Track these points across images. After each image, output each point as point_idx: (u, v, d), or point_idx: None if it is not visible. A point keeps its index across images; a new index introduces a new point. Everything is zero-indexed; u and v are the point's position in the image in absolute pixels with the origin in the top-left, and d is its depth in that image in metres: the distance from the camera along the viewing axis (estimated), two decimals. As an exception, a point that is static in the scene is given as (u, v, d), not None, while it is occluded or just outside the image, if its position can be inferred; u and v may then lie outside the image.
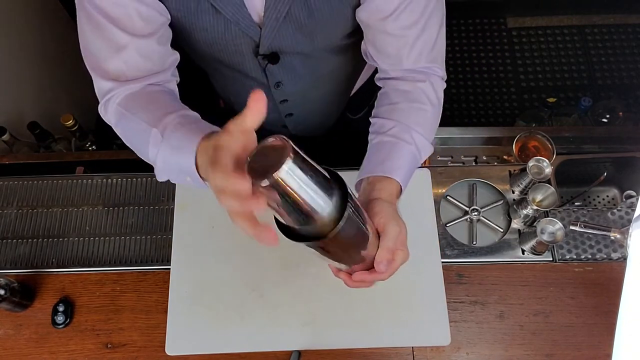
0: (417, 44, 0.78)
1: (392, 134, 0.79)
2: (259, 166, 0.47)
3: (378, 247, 0.67)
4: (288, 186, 0.47)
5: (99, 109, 0.80)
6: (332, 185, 0.52)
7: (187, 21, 0.77)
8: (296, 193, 0.48)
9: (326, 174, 0.52)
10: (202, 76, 1.05)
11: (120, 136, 0.81)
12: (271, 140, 0.48)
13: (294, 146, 0.47)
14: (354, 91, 1.14)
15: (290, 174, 0.46)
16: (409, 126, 0.79)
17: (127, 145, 0.79)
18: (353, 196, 0.55)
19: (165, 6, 0.75)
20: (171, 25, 0.79)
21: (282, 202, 0.49)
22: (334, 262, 0.67)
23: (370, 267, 0.69)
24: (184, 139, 0.67)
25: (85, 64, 0.79)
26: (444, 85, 0.84)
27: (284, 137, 0.48)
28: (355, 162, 0.86)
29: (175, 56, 0.81)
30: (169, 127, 0.69)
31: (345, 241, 0.57)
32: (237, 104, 1.08)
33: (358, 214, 0.57)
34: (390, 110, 0.81)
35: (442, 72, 0.83)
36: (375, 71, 0.91)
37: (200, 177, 0.64)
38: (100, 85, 0.78)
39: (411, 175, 0.80)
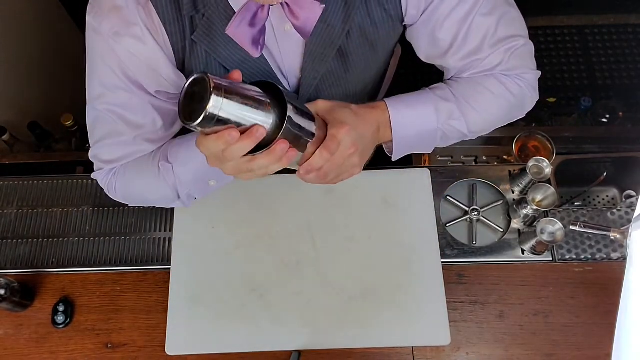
0: (490, 59, 0.74)
1: (432, 86, 0.76)
2: (192, 109, 0.51)
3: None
4: (221, 119, 0.51)
5: (96, 177, 0.84)
6: (265, 100, 0.56)
7: None
8: (231, 122, 0.52)
9: (257, 94, 0.55)
10: None
11: (125, 200, 0.85)
12: (191, 79, 0.52)
13: (215, 79, 0.50)
14: None
15: (218, 107, 0.50)
16: (453, 89, 0.74)
17: (138, 203, 0.86)
18: (294, 106, 0.58)
19: None
20: None
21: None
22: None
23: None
24: (188, 150, 0.72)
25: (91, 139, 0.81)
26: (528, 94, 0.78)
27: (204, 72, 0.51)
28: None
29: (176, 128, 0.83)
30: (170, 152, 0.74)
31: (293, 143, 0.59)
32: None
33: (299, 125, 0.59)
34: (448, 80, 0.78)
35: (530, 75, 0.77)
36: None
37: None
38: (98, 168, 0.82)
39: (416, 133, 0.74)
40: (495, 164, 1.24)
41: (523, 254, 1.03)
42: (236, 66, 0.71)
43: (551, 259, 1.02)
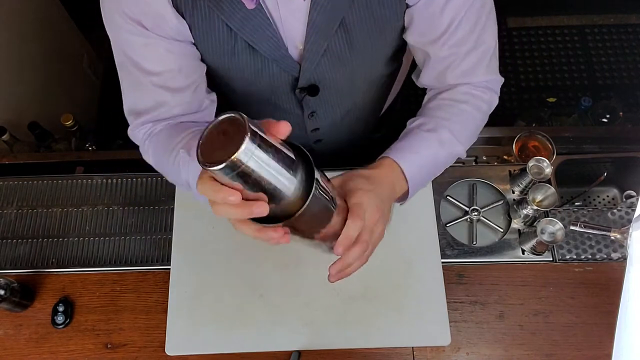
0: (468, 59, 0.75)
1: (417, 124, 0.76)
2: (214, 150, 0.43)
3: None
4: (248, 167, 0.43)
5: (128, 133, 0.82)
6: (296, 162, 0.48)
7: (223, 62, 0.76)
8: (257, 174, 0.44)
9: (289, 152, 0.48)
10: (230, 106, 1.04)
11: (156, 168, 0.83)
12: (224, 117, 0.44)
13: (250, 123, 0.43)
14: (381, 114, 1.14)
15: (249, 155, 0.42)
16: (439, 118, 0.75)
17: (158, 170, 0.82)
18: (320, 172, 0.52)
19: (201, 51, 0.75)
20: (207, 67, 0.79)
21: (243, 186, 0.46)
22: (305, 241, 0.63)
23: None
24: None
25: (125, 110, 0.81)
26: (496, 97, 0.81)
27: (239, 112, 0.43)
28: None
29: (212, 98, 0.82)
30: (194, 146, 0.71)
31: (313, 220, 0.54)
32: None
33: (325, 192, 0.53)
34: (425, 109, 0.79)
35: (497, 84, 0.80)
36: (400, 93, 0.90)
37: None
38: (134, 126, 0.80)
39: (427, 172, 0.75)
40: (496, 164, 1.24)
41: (523, 254, 1.03)
42: (237, 25, 0.69)
43: (551, 259, 1.02)
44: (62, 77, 1.89)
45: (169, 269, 1.01)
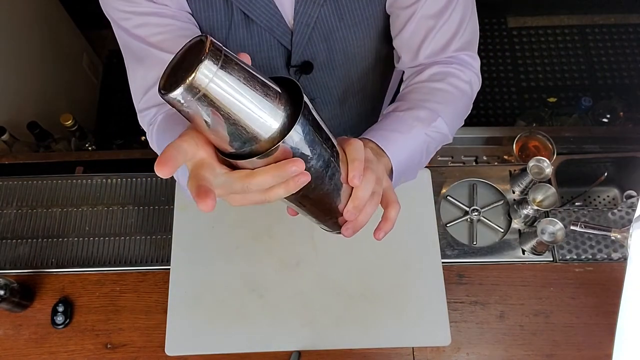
0: (443, 31, 0.73)
1: (392, 109, 0.73)
2: (177, 80, 0.37)
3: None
4: (207, 95, 0.37)
5: (140, 121, 0.78)
6: (280, 93, 0.41)
7: (221, 36, 0.76)
8: (221, 107, 0.37)
9: (268, 80, 0.40)
10: None
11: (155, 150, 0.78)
12: (189, 43, 0.38)
13: (218, 45, 0.37)
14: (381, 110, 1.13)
15: (209, 77, 0.36)
16: (414, 100, 0.72)
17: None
18: (312, 106, 0.44)
19: (200, 24, 0.74)
20: None
21: (210, 119, 0.39)
22: (299, 208, 0.52)
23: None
24: (170, 127, 0.66)
25: (133, 98, 0.76)
26: (477, 78, 0.77)
27: (205, 34, 0.38)
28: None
29: None
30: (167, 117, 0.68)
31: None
32: None
33: (319, 128, 0.44)
34: (400, 96, 0.76)
35: (473, 61, 0.77)
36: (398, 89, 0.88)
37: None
38: (139, 110, 0.76)
39: (409, 150, 0.68)
40: (496, 164, 1.24)
41: (523, 254, 1.02)
42: None
43: (552, 259, 1.02)
44: (62, 77, 1.89)
45: (169, 269, 1.01)
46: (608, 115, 1.70)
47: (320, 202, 0.50)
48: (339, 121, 1.00)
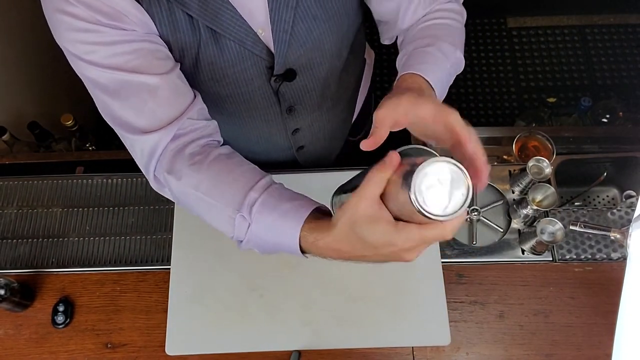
0: None
1: (411, 49, 0.74)
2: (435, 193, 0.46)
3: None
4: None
5: (150, 181, 0.74)
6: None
7: (191, 57, 0.73)
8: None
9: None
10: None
11: (179, 204, 0.76)
12: (431, 161, 0.47)
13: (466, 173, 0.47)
14: (354, 117, 1.15)
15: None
16: (430, 37, 0.75)
17: (193, 214, 0.73)
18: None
19: (170, 46, 0.72)
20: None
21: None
22: None
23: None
24: (281, 222, 0.66)
25: (118, 132, 0.74)
26: (463, 9, 0.81)
27: (454, 161, 0.47)
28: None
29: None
30: (257, 207, 0.66)
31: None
32: (242, 139, 0.98)
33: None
34: (419, 29, 0.78)
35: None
36: (370, 95, 0.89)
37: (302, 251, 0.66)
38: (143, 146, 0.71)
39: (443, 85, 0.72)
40: (495, 164, 1.24)
41: (523, 254, 1.03)
42: (197, 11, 0.67)
43: (551, 259, 1.02)
44: (62, 77, 1.88)
45: (169, 269, 1.01)
46: (607, 116, 1.70)
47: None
48: (319, 126, 1.01)
